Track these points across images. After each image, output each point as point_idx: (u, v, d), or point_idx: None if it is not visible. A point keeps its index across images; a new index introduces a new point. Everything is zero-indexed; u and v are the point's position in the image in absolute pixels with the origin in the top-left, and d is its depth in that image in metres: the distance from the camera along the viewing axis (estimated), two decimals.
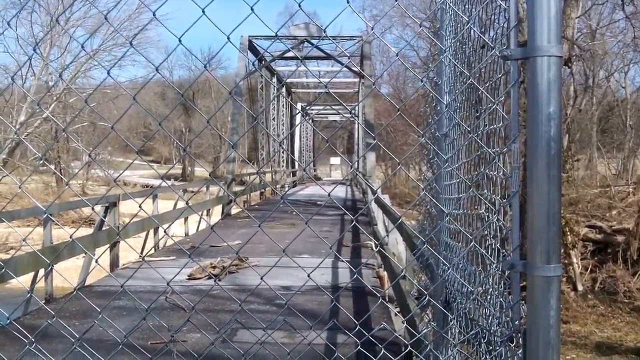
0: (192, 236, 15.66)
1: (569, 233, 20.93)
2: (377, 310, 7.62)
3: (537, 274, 2.01)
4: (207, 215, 18.36)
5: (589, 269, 21.48)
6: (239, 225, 17.21)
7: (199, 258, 11.01)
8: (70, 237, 2.85)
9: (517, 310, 2.19)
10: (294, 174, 42.63)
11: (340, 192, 34.95)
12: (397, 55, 2.56)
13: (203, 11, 2.35)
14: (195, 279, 9.55)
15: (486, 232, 2.65)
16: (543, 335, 2.01)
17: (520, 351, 2.15)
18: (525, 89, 2.16)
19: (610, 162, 36.19)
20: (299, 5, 2.42)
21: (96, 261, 2.64)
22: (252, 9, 2.36)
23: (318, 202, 24.93)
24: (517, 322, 2.19)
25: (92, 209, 10.26)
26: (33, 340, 2.91)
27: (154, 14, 2.39)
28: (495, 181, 2.50)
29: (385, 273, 9.17)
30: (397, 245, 10.64)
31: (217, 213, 20.55)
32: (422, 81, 3.09)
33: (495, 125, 2.50)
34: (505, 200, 2.36)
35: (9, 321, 6.43)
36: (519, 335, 2.17)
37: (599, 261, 21.73)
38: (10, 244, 26.22)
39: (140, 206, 2.58)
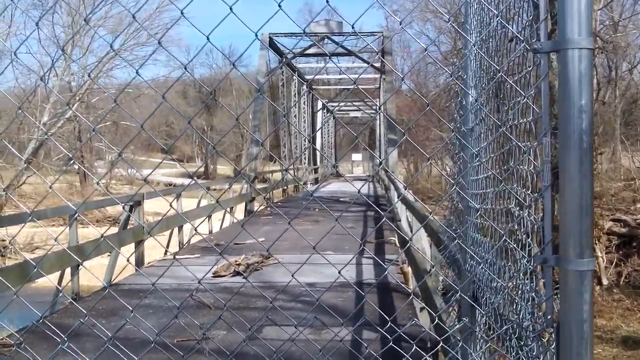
0: (215, 234, 15.73)
1: (593, 227, 20.75)
2: (402, 307, 7.62)
3: (570, 268, 1.99)
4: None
5: (614, 263, 21.32)
6: (262, 223, 17.25)
7: (224, 256, 11.05)
8: (102, 235, 2.88)
9: (550, 305, 2.17)
10: (315, 171, 42.67)
11: (363, 188, 34.94)
12: (425, 50, 2.55)
13: (230, 8, 2.36)
14: (220, 276, 9.59)
15: (516, 227, 2.63)
16: (577, 329, 2.00)
17: (553, 346, 2.13)
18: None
19: (634, 155, 35.77)
20: (327, 1, 2.42)
21: (127, 260, 2.65)
22: (279, 6, 2.36)
23: (341, 199, 24.95)
24: (549, 317, 2.17)
25: (123, 207, 10.39)
26: (66, 339, 2.93)
27: (181, 12, 2.39)
28: (526, 175, 2.48)
29: (410, 269, 9.16)
30: (420, 241, 10.61)
31: (239, 211, 20.63)
32: (451, 75, 3.08)
33: (525, 119, 2.48)
34: (536, 194, 2.34)
35: (41, 320, 6.49)
36: (551, 330, 2.16)
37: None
38: (35, 243, 26.44)
39: (170, 204, 2.61)
